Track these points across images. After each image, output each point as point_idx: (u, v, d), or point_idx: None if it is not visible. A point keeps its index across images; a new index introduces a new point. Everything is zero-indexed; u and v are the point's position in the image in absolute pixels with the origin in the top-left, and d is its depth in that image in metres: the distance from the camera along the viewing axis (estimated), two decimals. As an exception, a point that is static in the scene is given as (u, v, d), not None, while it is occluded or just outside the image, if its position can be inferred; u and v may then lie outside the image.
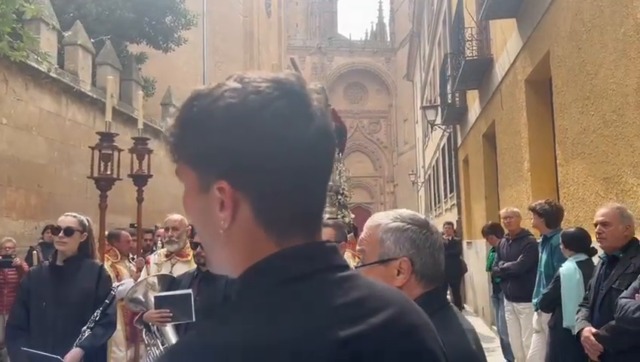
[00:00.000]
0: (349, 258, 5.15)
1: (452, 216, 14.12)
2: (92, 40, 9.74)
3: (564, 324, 3.86)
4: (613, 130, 3.98)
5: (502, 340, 6.61)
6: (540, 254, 4.89)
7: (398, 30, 48.33)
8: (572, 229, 4.20)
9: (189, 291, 3.26)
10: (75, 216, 3.48)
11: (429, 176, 22.45)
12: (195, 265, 4.47)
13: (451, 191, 14.55)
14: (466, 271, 11.13)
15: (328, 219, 6.89)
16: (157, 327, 3.25)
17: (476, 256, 10.42)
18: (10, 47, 7.39)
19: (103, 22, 10.91)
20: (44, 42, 8.62)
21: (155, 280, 3.46)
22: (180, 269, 4.26)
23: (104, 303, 3.40)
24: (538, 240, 5.14)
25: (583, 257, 4.05)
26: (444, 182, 16.15)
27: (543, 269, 4.77)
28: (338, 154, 7.28)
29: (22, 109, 8.07)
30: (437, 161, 18.48)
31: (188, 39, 13.04)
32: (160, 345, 3.24)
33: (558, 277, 4.06)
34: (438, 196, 18.63)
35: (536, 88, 6.25)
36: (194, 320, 3.22)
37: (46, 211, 8.32)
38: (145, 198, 12.10)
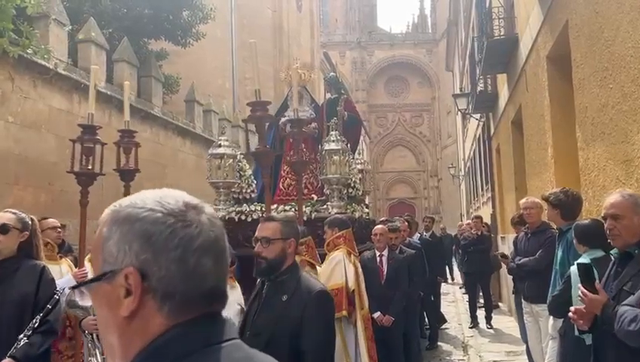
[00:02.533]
0: (344, 255, 4.72)
1: (489, 210, 13.40)
2: (109, 31, 9.58)
3: (576, 332, 3.31)
4: (632, 104, 3.39)
5: (526, 345, 6.00)
6: (556, 250, 4.32)
7: (440, 20, 47.09)
8: (586, 221, 3.62)
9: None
10: (14, 213, 3.19)
11: (468, 168, 21.61)
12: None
13: (486, 183, 13.82)
14: (500, 267, 10.44)
15: (337, 213, 6.47)
16: (96, 335, 2.92)
17: (509, 252, 9.75)
18: (14, 43, 7.31)
19: (119, 19, 10.80)
20: (54, 39, 8.53)
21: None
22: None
23: (45, 308, 3.10)
24: (560, 234, 4.55)
25: (599, 253, 3.46)
26: (480, 174, 15.40)
27: (558, 267, 4.20)
28: (346, 145, 6.82)
29: (30, 107, 7.99)
30: (474, 153, 17.70)
31: (206, 34, 12.80)
32: (99, 355, 2.91)
33: (569, 277, 3.49)
34: (476, 189, 17.84)
35: (558, 65, 5.61)
36: (135, 327, 2.87)
37: (57, 209, 8.19)
38: (167, 196, 12.09)
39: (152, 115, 11.23)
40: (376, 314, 5.31)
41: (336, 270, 4.58)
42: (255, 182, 7.67)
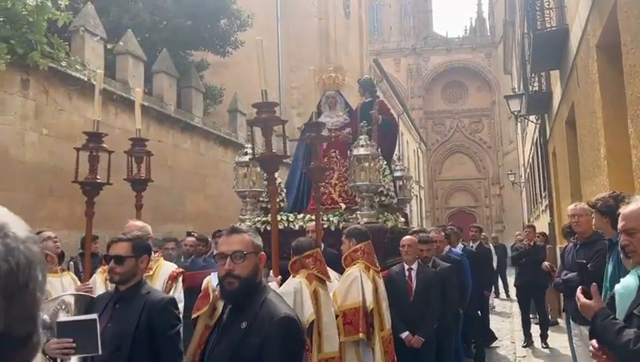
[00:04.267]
0: (361, 270, 4.28)
1: (547, 218, 12.50)
2: (138, 40, 9.60)
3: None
4: (687, 89, 2.80)
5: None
6: (606, 265, 3.72)
7: (498, 23, 45.56)
8: (635, 231, 3.03)
9: (94, 316, 2.63)
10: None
11: (528, 174, 20.50)
12: (162, 282, 3.90)
13: (544, 190, 12.92)
14: (558, 280, 9.62)
15: (367, 222, 6.04)
16: (60, 361, 2.65)
17: (566, 264, 8.93)
18: (48, 56, 7.38)
19: (158, 30, 10.84)
20: (89, 51, 8.59)
21: (72, 299, 2.88)
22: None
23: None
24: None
25: (650, 269, 2.89)
26: (539, 180, 14.47)
27: (608, 284, 3.60)
28: (377, 149, 6.39)
29: (65, 119, 8.04)
30: (532, 158, 16.72)
31: (252, 43, 12.62)
32: (62, 383, 2.64)
33: (613, 298, 2.92)
34: (535, 197, 16.82)
35: (609, 54, 4.98)
36: (99, 352, 2.58)
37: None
38: (209, 205, 11.99)
39: (191, 125, 11.18)
40: (405, 334, 4.83)
41: (352, 287, 4.16)
42: (285, 191, 7.35)
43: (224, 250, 2.16)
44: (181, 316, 3.61)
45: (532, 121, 13.87)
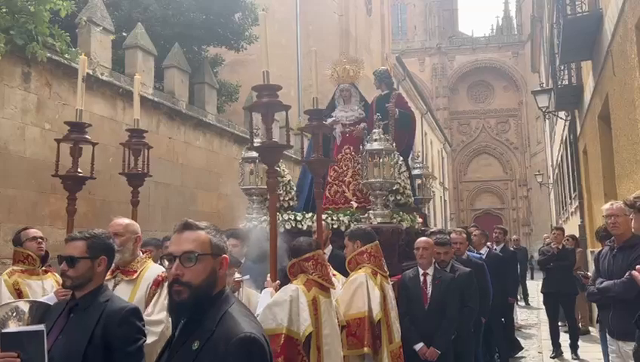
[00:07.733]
0: (367, 276, 3.84)
1: (577, 221, 11.85)
2: (140, 29, 9.29)
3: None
4: None
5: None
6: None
7: (526, 21, 44.55)
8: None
9: (41, 327, 2.24)
10: None
11: (557, 175, 19.73)
12: (145, 287, 3.49)
13: (574, 190, 12.26)
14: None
15: (380, 223, 5.59)
16: (5, 378, 2.27)
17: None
18: (51, 48, 7.11)
19: (171, 25, 10.54)
20: (96, 45, 8.31)
21: (27, 307, 2.49)
22: (123, 291, 3.27)
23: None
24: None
25: None
26: (568, 180, 13.79)
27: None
28: (392, 144, 5.93)
29: (69, 114, 7.74)
30: (561, 157, 16.01)
31: (259, 37, 12.25)
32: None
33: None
34: (564, 198, 16.10)
35: (651, 34, 4.44)
36: (46, 368, 2.19)
37: (99, 219, 7.88)
38: (222, 205, 11.64)
39: (204, 122, 10.85)
40: (419, 346, 4.36)
41: (357, 295, 3.71)
42: (294, 189, 6.93)
43: (172, 250, 1.74)
44: (163, 326, 3.22)
45: (561, 118, 13.23)
